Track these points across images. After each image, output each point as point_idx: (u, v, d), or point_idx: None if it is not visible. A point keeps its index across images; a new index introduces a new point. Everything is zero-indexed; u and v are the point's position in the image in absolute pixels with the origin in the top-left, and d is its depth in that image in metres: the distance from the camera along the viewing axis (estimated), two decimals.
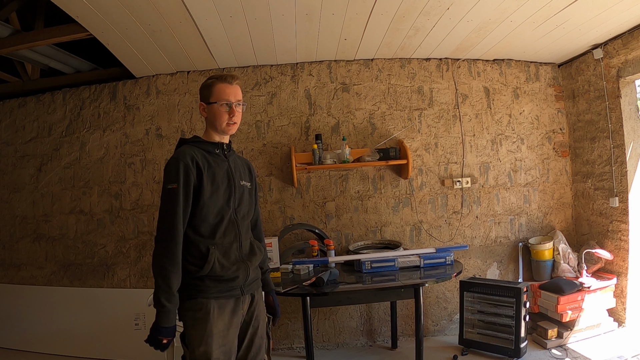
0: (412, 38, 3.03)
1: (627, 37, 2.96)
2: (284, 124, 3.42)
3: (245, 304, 1.64)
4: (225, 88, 1.61)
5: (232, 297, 1.58)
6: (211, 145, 1.64)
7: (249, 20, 2.58)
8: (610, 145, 3.19)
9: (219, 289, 1.54)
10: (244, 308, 1.63)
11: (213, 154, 1.63)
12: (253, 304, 1.67)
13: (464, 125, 3.51)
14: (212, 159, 1.61)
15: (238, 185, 1.66)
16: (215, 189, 1.57)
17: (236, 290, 1.59)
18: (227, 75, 1.64)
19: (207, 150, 1.62)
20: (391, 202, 3.43)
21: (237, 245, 1.61)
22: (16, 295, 3.50)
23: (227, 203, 1.60)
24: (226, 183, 1.62)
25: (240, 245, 1.62)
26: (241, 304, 1.61)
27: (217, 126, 1.63)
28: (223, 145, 1.66)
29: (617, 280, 3.12)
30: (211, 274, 1.52)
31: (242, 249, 1.63)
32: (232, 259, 1.58)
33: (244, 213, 1.68)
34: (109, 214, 3.43)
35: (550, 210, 3.58)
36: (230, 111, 1.61)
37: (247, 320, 1.65)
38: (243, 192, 1.69)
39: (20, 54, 3.00)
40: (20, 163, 3.60)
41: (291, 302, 3.28)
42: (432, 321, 3.43)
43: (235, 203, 1.63)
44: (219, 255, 1.55)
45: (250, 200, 1.73)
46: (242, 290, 1.61)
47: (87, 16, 2.40)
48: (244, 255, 1.63)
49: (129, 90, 3.46)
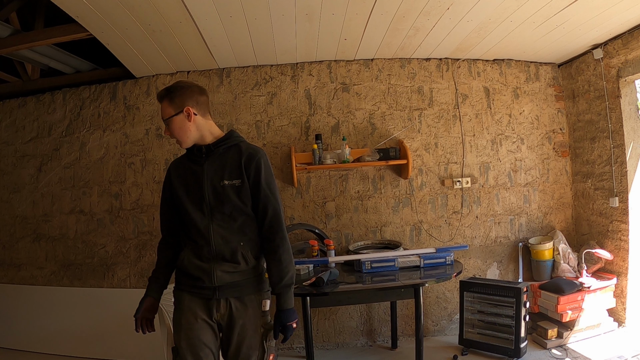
0: (412, 38, 3.03)
1: (627, 37, 2.96)
2: (284, 124, 3.42)
3: (221, 307, 1.59)
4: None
5: (203, 297, 1.60)
6: (194, 149, 1.67)
7: (249, 20, 2.58)
8: (610, 145, 3.19)
9: (190, 284, 1.63)
10: (220, 311, 1.59)
11: (192, 159, 1.68)
12: (232, 310, 1.59)
13: (464, 125, 3.51)
14: (189, 165, 1.68)
15: (215, 187, 1.59)
16: (186, 194, 1.64)
17: (206, 291, 1.59)
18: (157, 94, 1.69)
19: (189, 156, 1.69)
20: (391, 202, 3.43)
21: (207, 248, 1.59)
22: (16, 295, 3.50)
23: (200, 207, 1.61)
24: (197, 187, 1.62)
25: (210, 248, 1.59)
26: (214, 306, 1.59)
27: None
28: (201, 148, 1.65)
29: (617, 280, 3.12)
30: (181, 269, 1.65)
31: (213, 252, 1.58)
32: (202, 260, 1.60)
33: (225, 215, 1.60)
34: (109, 214, 3.43)
35: (550, 210, 3.58)
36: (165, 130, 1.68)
37: (227, 325, 1.60)
38: (223, 192, 1.59)
39: (20, 54, 3.00)
40: (20, 163, 3.60)
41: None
42: (432, 321, 3.43)
43: (209, 207, 1.60)
44: (190, 254, 1.62)
45: (238, 200, 1.59)
46: (216, 293, 1.58)
47: (87, 16, 2.40)
48: (212, 258, 1.59)
49: (129, 90, 3.46)
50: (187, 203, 1.63)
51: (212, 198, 1.60)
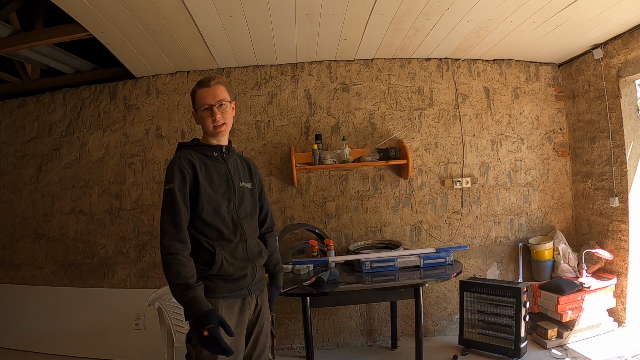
0: (412, 38, 3.03)
1: (627, 37, 2.96)
2: (284, 124, 3.42)
3: (252, 304, 1.66)
4: (204, 92, 1.62)
5: (240, 296, 1.60)
6: (209, 148, 1.66)
7: (249, 20, 2.58)
8: (610, 145, 3.19)
9: (227, 288, 1.57)
10: (251, 307, 1.65)
11: (211, 157, 1.65)
12: (259, 303, 1.69)
13: (464, 125, 3.51)
14: (209, 162, 1.63)
15: (238, 187, 1.67)
16: (213, 191, 1.59)
17: (243, 290, 1.61)
18: (205, 78, 1.65)
19: (204, 154, 1.64)
20: (391, 202, 3.43)
21: (242, 245, 1.63)
22: (16, 295, 3.50)
23: (228, 205, 1.62)
24: (225, 186, 1.63)
25: (245, 246, 1.64)
26: (248, 303, 1.63)
27: (206, 131, 1.66)
28: (221, 148, 1.67)
29: (617, 280, 3.12)
30: (220, 273, 1.55)
31: (248, 249, 1.65)
32: (238, 258, 1.60)
33: (247, 214, 1.69)
34: (109, 214, 3.43)
35: (550, 210, 3.58)
36: (212, 114, 1.61)
37: (254, 319, 1.67)
38: (243, 193, 1.70)
39: (20, 54, 2.99)
40: (20, 163, 3.60)
41: (291, 302, 3.29)
42: (432, 321, 3.43)
43: (236, 204, 1.65)
44: (226, 254, 1.57)
45: (252, 201, 1.74)
46: (250, 290, 1.63)
47: (87, 16, 2.40)
48: (250, 255, 1.65)
49: (129, 90, 3.46)
50: (219, 199, 1.59)
51: (238, 196, 1.67)
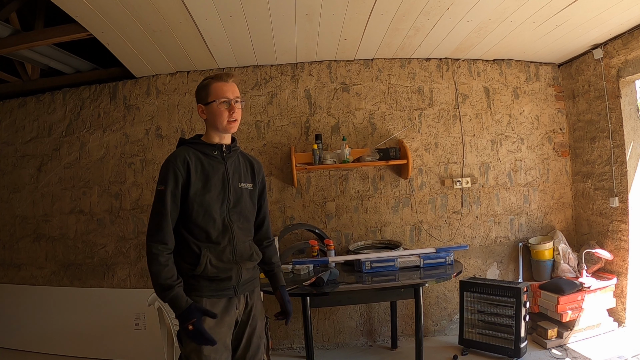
0: (412, 38, 3.03)
1: (627, 37, 2.96)
2: (284, 124, 3.42)
3: (240, 304, 1.63)
4: (222, 86, 1.61)
5: (225, 296, 1.59)
6: (209, 147, 1.63)
7: (249, 20, 2.58)
8: (610, 145, 3.19)
9: (212, 288, 1.57)
10: (239, 308, 1.63)
11: (210, 156, 1.62)
12: (249, 304, 1.66)
13: (464, 125, 3.51)
14: (207, 161, 1.61)
15: (235, 188, 1.64)
16: (206, 191, 1.56)
17: (229, 290, 1.59)
18: (223, 74, 1.64)
19: (203, 152, 1.62)
20: (391, 202, 3.43)
21: (230, 248, 1.59)
22: (16, 295, 3.50)
23: (221, 206, 1.59)
24: (220, 186, 1.60)
25: (233, 249, 1.60)
26: (235, 303, 1.61)
27: (217, 125, 1.61)
28: (222, 146, 1.64)
29: (617, 280, 3.12)
30: (204, 274, 1.55)
31: (237, 252, 1.61)
32: (224, 261, 1.58)
33: (242, 216, 1.66)
34: (109, 214, 3.43)
35: (550, 210, 3.58)
36: (230, 108, 1.60)
37: (244, 320, 1.65)
38: (241, 194, 1.66)
39: (20, 54, 3.00)
40: (20, 163, 3.60)
41: (291, 302, 3.28)
42: (432, 321, 3.43)
43: (229, 206, 1.62)
44: (212, 257, 1.55)
45: (250, 203, 1.70)
46: (236, 291, 1.61)
47: (87, 16, 2.40)
48: (237, 258, 1.61)
49: (129, 90, 3.46)
50: (211, 200, 1.56)
51: (233, 198, 1.63)
